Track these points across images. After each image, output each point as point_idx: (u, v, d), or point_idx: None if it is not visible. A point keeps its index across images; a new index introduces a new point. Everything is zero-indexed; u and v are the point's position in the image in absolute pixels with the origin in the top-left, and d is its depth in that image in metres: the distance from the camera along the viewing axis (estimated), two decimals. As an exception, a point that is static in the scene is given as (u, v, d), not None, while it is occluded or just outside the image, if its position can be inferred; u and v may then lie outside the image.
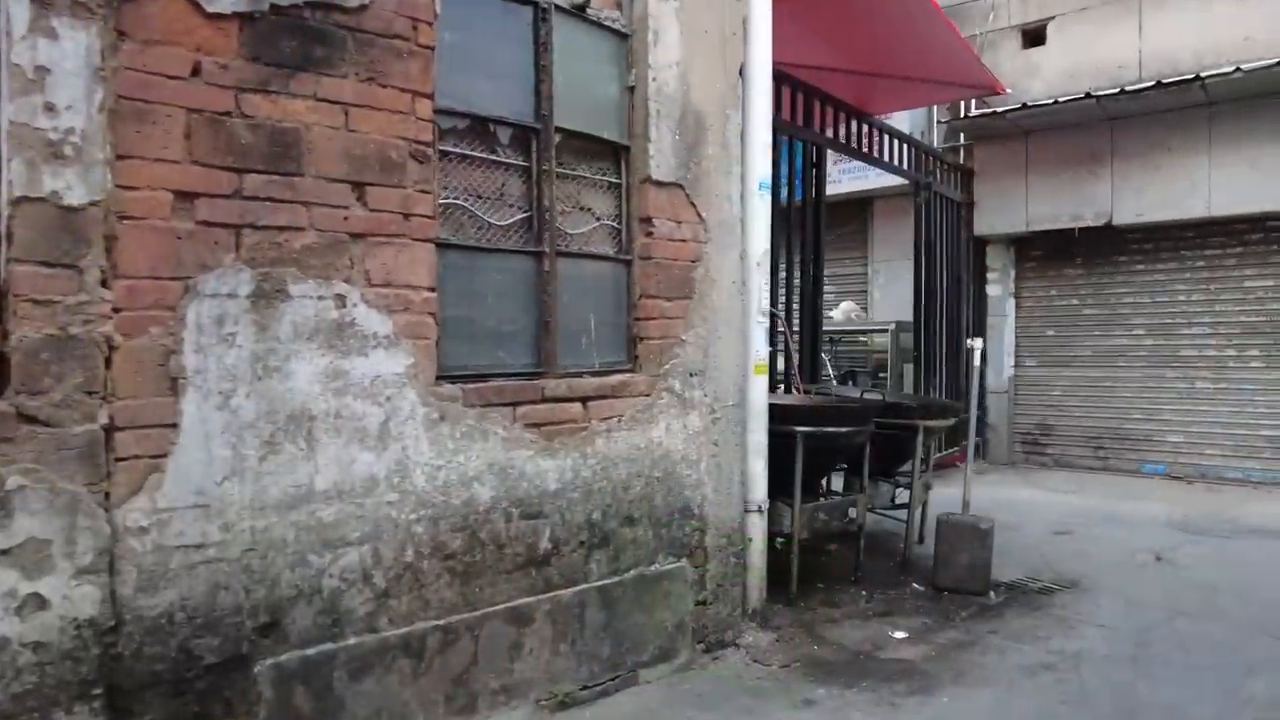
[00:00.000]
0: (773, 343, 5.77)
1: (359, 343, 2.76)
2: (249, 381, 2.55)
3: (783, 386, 5.84)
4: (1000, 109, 8.19)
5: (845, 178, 9.70)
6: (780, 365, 5.86)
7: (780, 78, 5.72)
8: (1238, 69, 6.85)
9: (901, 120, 8.98)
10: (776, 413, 4.29)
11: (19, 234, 2.17)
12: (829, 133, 6.68)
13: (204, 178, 2.48)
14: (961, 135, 9.24)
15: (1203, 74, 7.04)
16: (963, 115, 8.76)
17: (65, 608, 2.20)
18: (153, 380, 2.39)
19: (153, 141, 2.39)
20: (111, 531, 2.30)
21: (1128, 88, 7.45)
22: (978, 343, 4.93)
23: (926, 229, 8.03)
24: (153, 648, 2.36)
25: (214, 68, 2.49)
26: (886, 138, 7.43)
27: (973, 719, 3.23)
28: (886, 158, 7.43)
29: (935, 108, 9.29)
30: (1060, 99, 7.82)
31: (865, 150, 7.07)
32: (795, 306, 6.12)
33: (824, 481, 5.62)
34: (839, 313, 9.60)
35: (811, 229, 6.19)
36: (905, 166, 7.78)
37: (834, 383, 8.77)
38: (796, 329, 6.14)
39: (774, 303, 5.78)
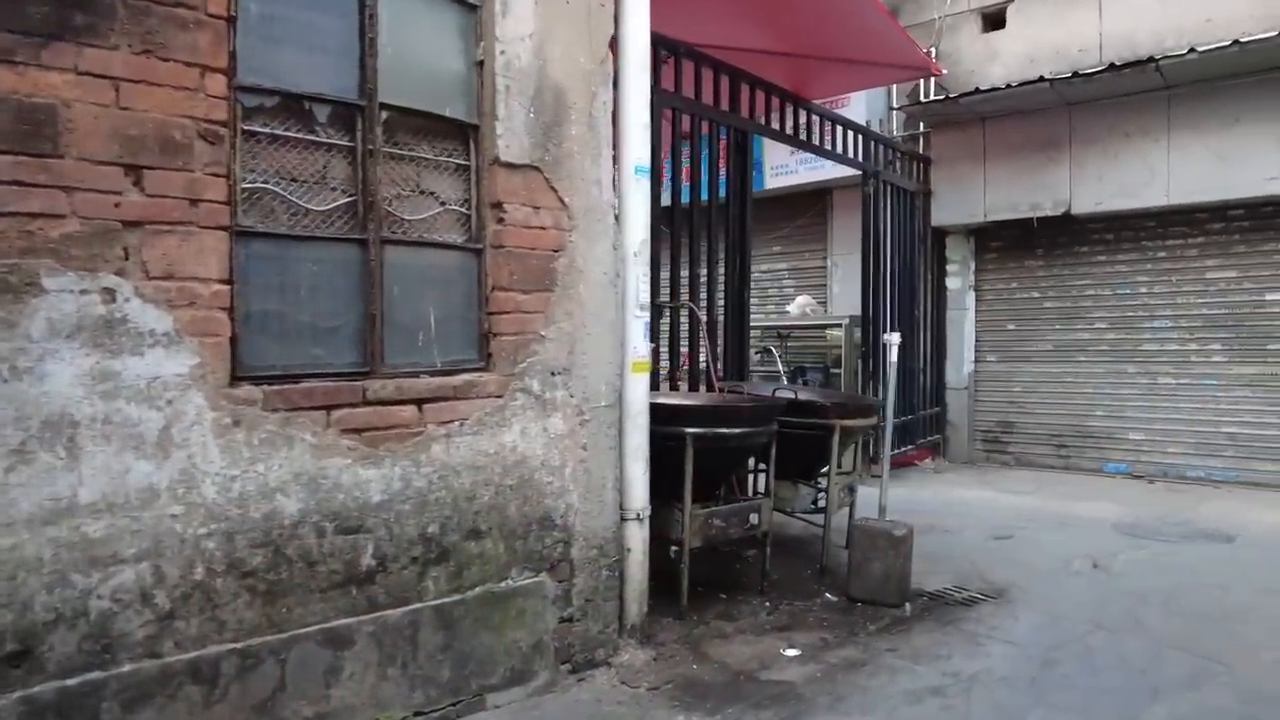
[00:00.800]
0: (693, 339, 5.53)
1: (132, 341, 2.49)
2: (-8, 385, 2.29)
3: (704, 385, 5.56)
4: (954, 94, 7.88)
5: (803, 168, 9.42)
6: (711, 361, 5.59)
7: (699, 58, 5.45)
8: (1192, 50, 6.54)
9: (859, 107, 8.70)
10: (665, 413, 4.02)
11: None
12: (771, 120, 6.39)
13: (-72, 157, 2.22)
14: (921, 124, 8.94)
15: (1157, 56, 6.72)
16: (920, 101, 8.45)
17: None
18: None
19: None
20: None
21: (1081, 71, 7.14)
22: (894, 337, 4.65)
23: (876, 220, 7.72)
24: None
25: (-62, 33, 2.22)
26: (829, 124, 7.11)
27: (839, 750, 2.98)
28: (829, 145, 7.11)
29: (895, 96, 9.00)
30: (1014, 84, 7.51)
31: (804, 138, 6.76)
32: (720, 300, 5.83)
33: (749, 484, 5.37)
34: (794, 307, 9.31)
35: (737, 219, 5.90)
36: (852, 154, 7.48)
37: (784, 379, 8.50)
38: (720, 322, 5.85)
39: (694, 296, 5.52)
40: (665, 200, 5.37)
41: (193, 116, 2.61)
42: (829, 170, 8.79)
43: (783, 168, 9.61)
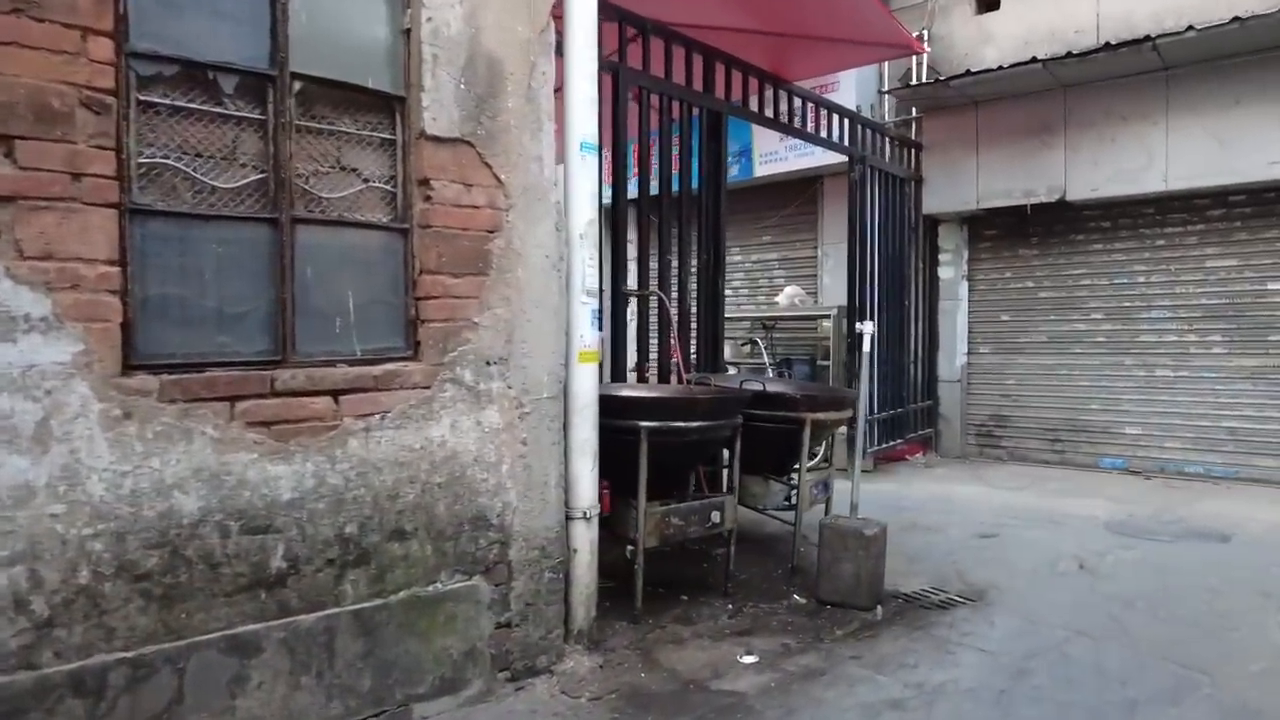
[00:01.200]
0: (663, 329, 5.31)
1: (3, 326, 2.30)
2: None
3: (675, 376, 5.35)
4: (945, 77, 7.61)
5: (792, 155, 9.16)
6: (687, 353, 5.37)
7: (670, 36, 5.22)
8: (1190, 29, 6.25)
9: (848, 91, 8.43)
10: (618, 405, 3.82)
11: None
12: (750, 102, 6.14)
13: None
14: (913, 109, 8.66)
15: (1153, 35, 6.44)
16: (910, 84, 8.18)
17: None
18: None
19: None
20: None
21: (1074, 51, 6.86)
22: (868, 326, 4.43)
23: (863, 207, 7.47)
24: None
25: None
26: (811, 106, 6.85)
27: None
28: (811, 128, 6.86)
29: (885, 80, 8.73)
30: (1006, 65, 7.23)
31: (785, 121, 6.50)
32: (692, 289, 5.61)
33: (722, 480, 5.15)
34: (783, 297, 9.06)
35: (711, 204, 5.67)
36: (838, 139, 7.22)
37: (770, 371, 8.28)
38: (694, 312, 5.63)
39: (665, 284, 5.30)
40: (635, 187, 5.16)
41: (73, 83, 2.40)
42: (819, 157, 8.53)
43: (772, 155, 9.36)
